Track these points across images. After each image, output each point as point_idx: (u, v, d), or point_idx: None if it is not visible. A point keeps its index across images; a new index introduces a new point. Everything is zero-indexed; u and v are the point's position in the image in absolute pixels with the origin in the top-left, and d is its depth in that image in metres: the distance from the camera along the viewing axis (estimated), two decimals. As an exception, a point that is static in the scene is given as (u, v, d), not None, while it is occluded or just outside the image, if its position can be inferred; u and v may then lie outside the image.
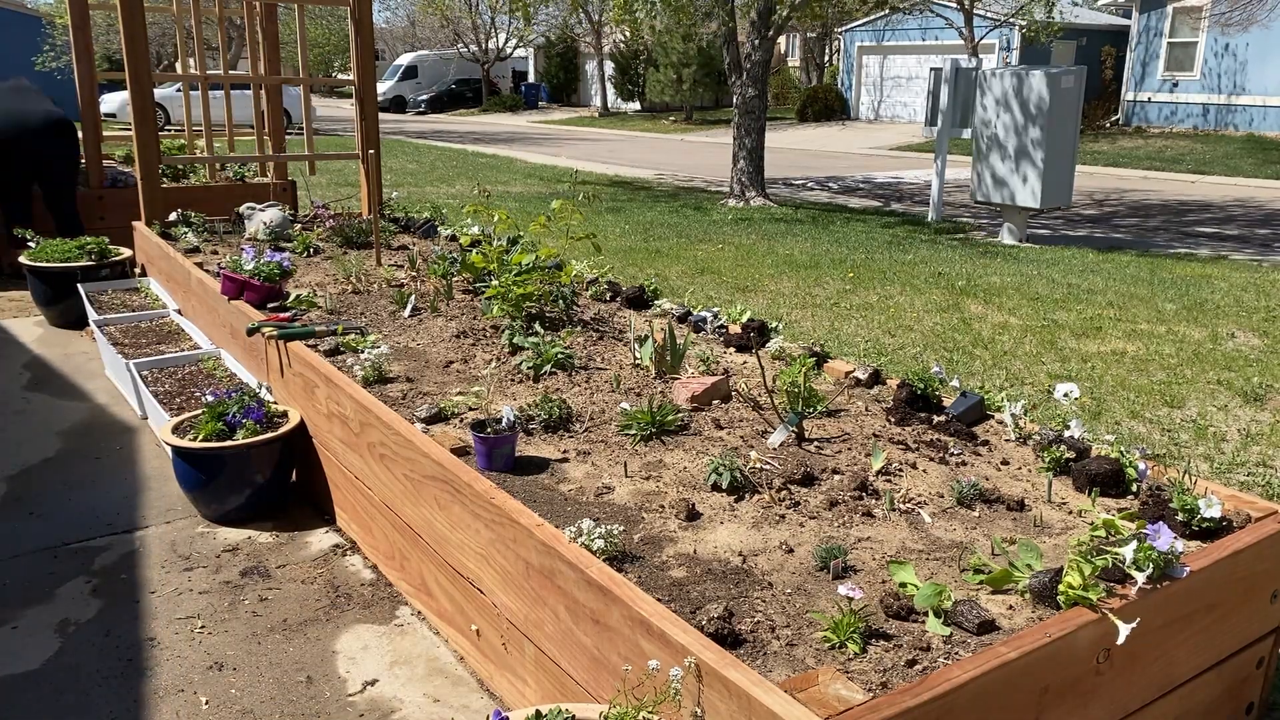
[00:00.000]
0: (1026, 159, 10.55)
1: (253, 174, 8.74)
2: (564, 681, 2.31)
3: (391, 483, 3.09)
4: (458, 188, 14.78)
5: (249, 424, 3.59)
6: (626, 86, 38.59)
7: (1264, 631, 2.50)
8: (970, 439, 3.01)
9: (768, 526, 2.43)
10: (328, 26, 39.18)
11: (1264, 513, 2.50)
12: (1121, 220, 13.24)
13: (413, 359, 3.77)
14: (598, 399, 3.32)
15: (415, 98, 43.40)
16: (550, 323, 4.17)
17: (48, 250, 6.31)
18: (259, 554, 3.46)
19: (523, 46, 45.09)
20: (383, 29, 50.14)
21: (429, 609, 3.01)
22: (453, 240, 6.16)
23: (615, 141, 27.12)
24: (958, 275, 8.58)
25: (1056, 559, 2.25)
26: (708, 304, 5.54)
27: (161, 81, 7.36)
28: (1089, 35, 28.33)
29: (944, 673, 1.80)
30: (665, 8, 13.74)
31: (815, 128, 30.21)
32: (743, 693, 1.75)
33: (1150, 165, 19.66)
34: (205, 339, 5.05)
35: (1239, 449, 4.56)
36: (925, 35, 29.42)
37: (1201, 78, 23.64)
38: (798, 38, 39.44)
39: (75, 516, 3.71)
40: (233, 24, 23.37)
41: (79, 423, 4.66)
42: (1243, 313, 7.33)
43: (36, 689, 2.69)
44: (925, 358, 5.89)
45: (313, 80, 7.75)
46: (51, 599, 3.14)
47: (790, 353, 3.82)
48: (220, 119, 9.16)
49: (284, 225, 6.20)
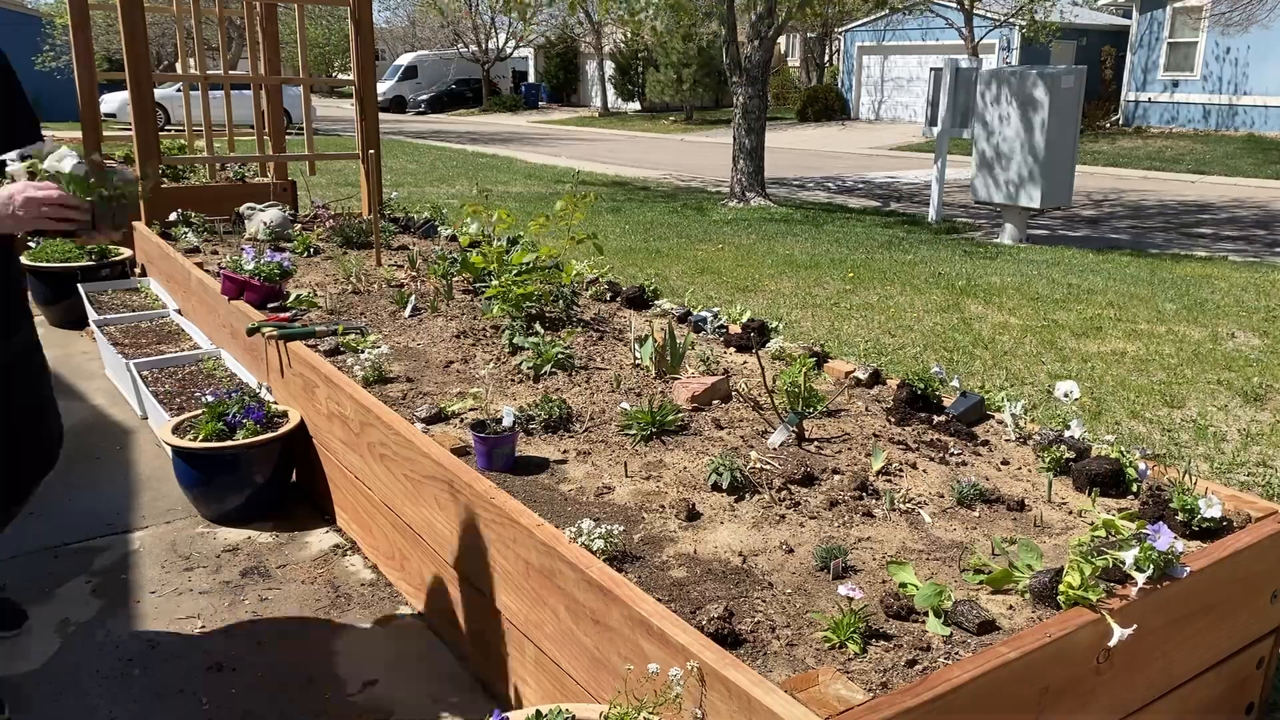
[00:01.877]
0: (1026, 159, 10.55)
1: (253, 174, 8.74)
2: (564, 681, 2.31)
3: (391, 483, 3.09)
4: (458, 188, 14.78)
5: (249, 424, 3.59)
6: (626, 86, 38.59)
7: (1264, 631, 2.50)
8: (970, 439, 3.02)
9: (768, 526, 2.43)
10: (328, 26, 39.18)
11: (1264, 513, 2.50)
12: (1121, 220, 13.24)
13: (413, 359, 3.77)
14: (598, 399, 3.32)
15: (415, 98, 43.39)
16: (550, 323, 4.17)
17: (48, 250, 6.31)
18: (259, 554, 3.46)
19: (523, 46, 45.10)
20: (383, 29, 50.13)
21: (429, 608, 3.01)
22: (453, 240, 6.16)
23: (615, 141, 27.13)
24: (958, 275, 8.58)
25: (1056, 559, 2.25)
26: (708, 304, 5.54)
27: (161, 81, 7.36)
28: (1089, 35, 28.33)
29: (944, 673, 1.80)
30: (666, 8, 13.74)
31: (815, 128, 30.21)
32: (743, 693, 1.75)
33: (1150, 165, 19.66)
34: (205, 339, 5.05)
35: (1239, 449, 4.56)
36: (925, 35, 29.42)
37: (1202, 78, 23.63)
38: (798, 38, 39.45)
39: (75, 516, 3.71)
40: (233, 24, 23.36)
41: (79, 422, 4.66)
42: (1243, 313, 7.33)
43: (37, 689, 2.69)
44: (925, 358, 5.89)
45: (313, 80, 7.75)
46: (51, 599, 3.14)
47: (790, 353, 3.82)
48: (220, 119, 9.15)
49: (284, 225, 6.20)
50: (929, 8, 23.96)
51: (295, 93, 22.06)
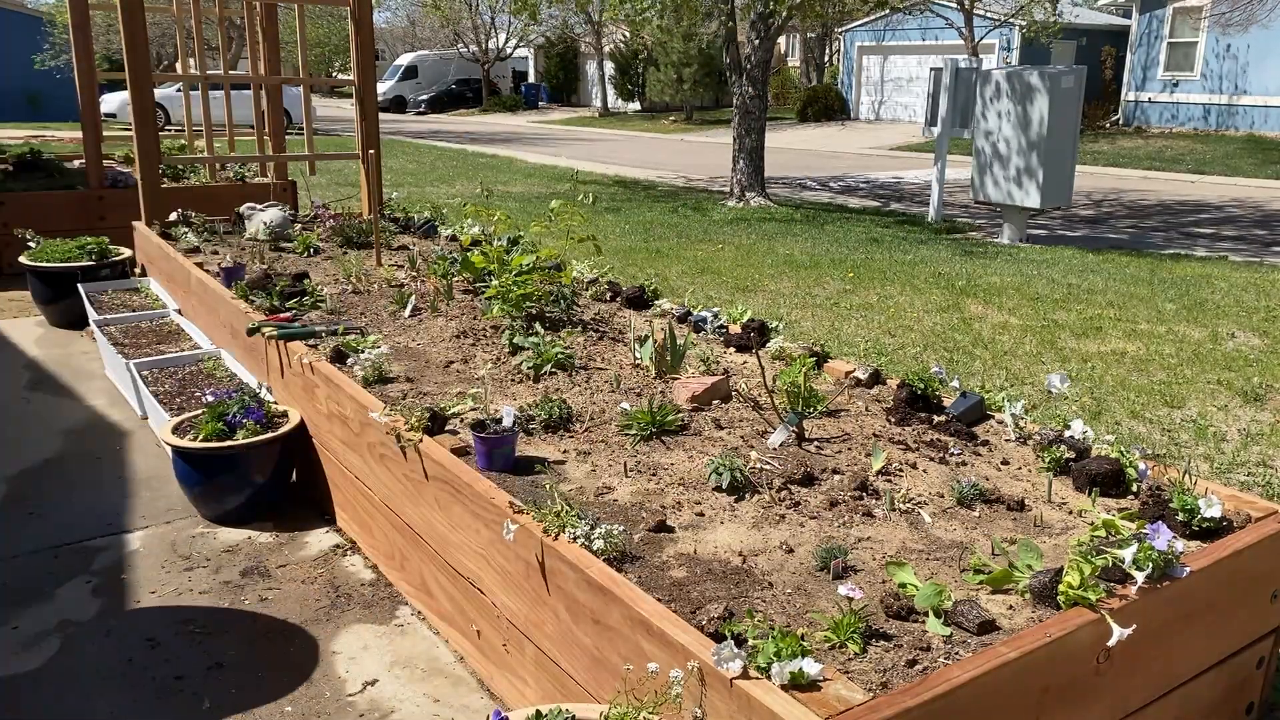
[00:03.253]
0: (1026, 159, 10.55)
1: (253, 174, 8.74)
2: (564, 681, 2.31)
3: (391, 483, 3.09)
4: (458, 188, 14.78)
5: (249, 424, 3.59)
6: (626, 86, 38.58)
7: (1264, 631, 2.50)
8: (970, 439, 3.01)
9: (768, 526, 2.43)
10: (328, 26, 39.16)
11: (1264, 513, 2.50)
12: (1121, 220, 13.24)
13: (413, 359, 3.77)
14: (598, 399, 3.32)
15: (415, 98, 43.38)
16: (550, 323, 4.17)
17: (48, 250, 6.31)
18: (259, 554, 3.46)
19: (523, 46, 45.09)
20: (383, 29, 50.13)
21: (429, 609, 3.01)
22: (453, 240, 6.16)
23: (615, 141, 27.12)
24: (958, 275, 8.58)
25: (1056, 559, 2.25)
26: (708, 304, 5.54)
27: (161, 81, 7.36)
28: (1089, 35, 28.32)
29: (944, 673, 1.80)
30: (666, 7, 13.75)
31: (815, 128, 30.21)
32: (743, 692, 1.75)
33: (1150, 165, 19.66)
34: (205, 339, 5.05)
35: (1239, 449, 4.56)
36: (925, 35, 29.41)
37: (1202, 78, 23.63)
38: (798, 38, 39.44)
39: (75, 516, 3.71)
40: (233, 24, 23.35)
41: (79, 423, 4.66)
42: (1243, 313, 7.33)
43: (37, 689, 2.69)
44: (925, 358, 5.89)
45: (313, 80, 7.75)
46: (51, 599, 3.14)
47: (790, 353, 3.82)
48: (220, 119, 9.15)
49: (284, 225, 6.21)
50: (929, 8, 23.95)
51: (295, 93, 22.07)
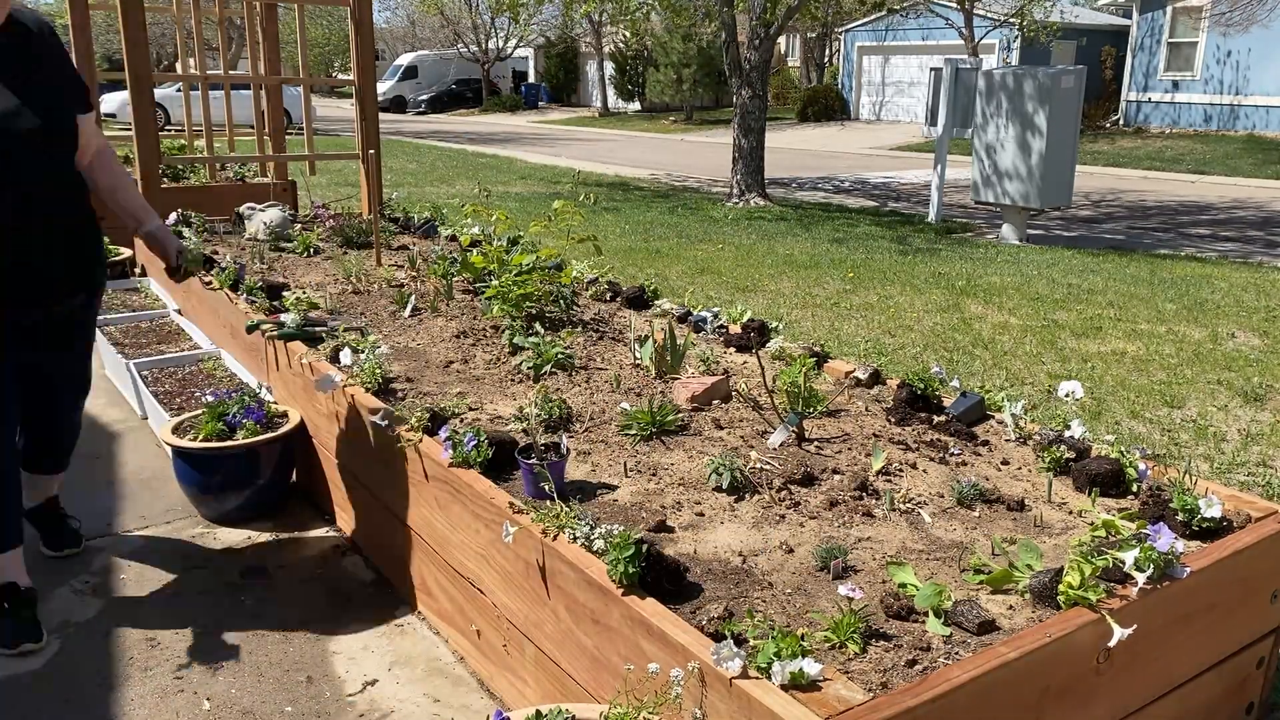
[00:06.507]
0: (1026, 159, 10.55)
1: (253, 174, 8.73)
2: (564, 682, 2.31)
3: (392, 482, 3.08)
4: (458, 188, 14.78)
5: (249, 424, 3.59)
6: (626, 87, 38.58)
7: (1264, 631, 2.50)
8: (970, 439, 3.01)
9: (768, 526, 2.43)
10: (328, 26, 39.19)
11: (1264, 513, 2.50)
12: (1121, 220, 13.24)
13: (413, 359, 3.77)
14: (598, 399, 3.32)
15: (415, 98, 43.38)
16: (550, 323, 4.17)
17: (48, 250, 6.29)
18: (259, 554, 3.46)
19: (522, 46, 45.09)
20: (383, 29, 50.14)
21: (429, 609, 3.01)
22: (453, 240, 6.16)
23: (615, 142, 27.12)
24: (957, 275, 8.58)
25: (1056, 559, 2.25)
26: (708, 304, 5.54)
27: (161, 81, 7.36)
28: (1089, 35, 28.32)
29: (944, 673, 1.80)
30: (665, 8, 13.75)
31: (815, 128, 30.21)
32: (743, 692, 1.75)
33: (1150, 165, 19.67)
34: (205, 339, 5.05)
35: (1239, 449, 4.56)
36: (925, 36, 29.41)
37: (1203, 79, 23.63)
38: (798, 38, 39.45)
39: (75, 516, 3.70)
40: (233, 24, 23.36)
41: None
42: (1243, 313, 7.33)
43: (37, 690, 2.69)
44: (925, 358, 5.89)
45: (313, 80, 7.75)
46: (51, 599, 3.14)
47: (790, 353, 3.82)
48: (220, 119, 9.15)
49: (284, 225, 6.20)
50: (929, 8, 23.95)
51: (295, 93, 22.06)
